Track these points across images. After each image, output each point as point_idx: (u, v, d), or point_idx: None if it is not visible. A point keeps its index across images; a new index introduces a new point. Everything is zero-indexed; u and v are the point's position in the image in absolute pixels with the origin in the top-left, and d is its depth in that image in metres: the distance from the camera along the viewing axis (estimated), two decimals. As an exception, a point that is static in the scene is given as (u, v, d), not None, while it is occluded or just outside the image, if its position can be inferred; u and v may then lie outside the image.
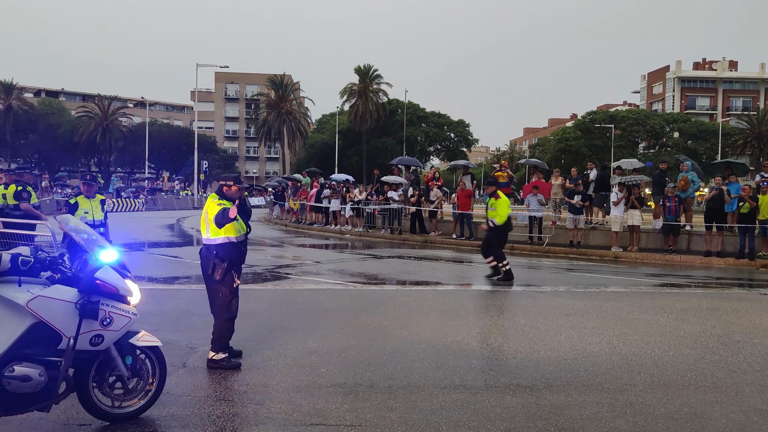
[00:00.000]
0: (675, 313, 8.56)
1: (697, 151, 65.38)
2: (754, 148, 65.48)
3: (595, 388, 5.28)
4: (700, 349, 6.58)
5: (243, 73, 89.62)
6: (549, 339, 6.92)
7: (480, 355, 6.22)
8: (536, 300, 9.59)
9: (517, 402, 4.90)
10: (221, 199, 5.56)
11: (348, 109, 64.48)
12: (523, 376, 5.56)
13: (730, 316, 8.40)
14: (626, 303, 9.34)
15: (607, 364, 5.95)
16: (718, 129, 66.19)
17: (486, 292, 10.67)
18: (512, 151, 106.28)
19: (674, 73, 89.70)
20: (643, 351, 6.46)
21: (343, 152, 64.39)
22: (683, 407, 4.83)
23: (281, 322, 7.57)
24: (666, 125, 71.15)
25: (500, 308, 8.72)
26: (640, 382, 5.42)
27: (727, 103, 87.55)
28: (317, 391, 5.03)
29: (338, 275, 12.04)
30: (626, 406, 4.82)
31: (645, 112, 77.65)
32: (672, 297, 10.24)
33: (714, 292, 10.96)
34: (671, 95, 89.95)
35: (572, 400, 4.95)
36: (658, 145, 70.95)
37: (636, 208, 16.34)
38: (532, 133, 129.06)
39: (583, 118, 73.20)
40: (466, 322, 7.74)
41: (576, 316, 8.24)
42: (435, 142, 74.00)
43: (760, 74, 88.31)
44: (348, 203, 23.56)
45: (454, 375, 5.54)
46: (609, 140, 66.37)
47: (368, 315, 8.03)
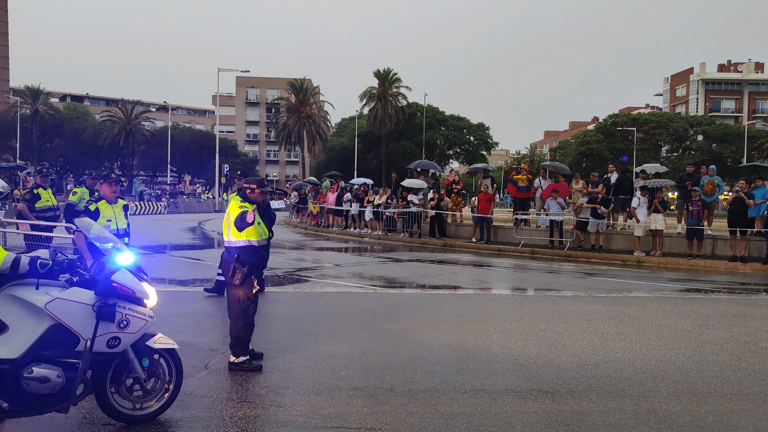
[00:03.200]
0: (700, 318, 8.43)
1: (722, 154, 64.27)
2: (781, 151, 64.12)
3: (618, 394, 5.21)
4: (726, 356, 6.47)
5: (264, 78, 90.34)
6: (570, 344, 6.85)
7: (501, 359, 6.18)
8: (557, 304, 9.51)
9: (538, 407, 4.86)
10: (243, 202, 5.60)
11: (367, 113, 64.63)
12: (544, 381, 5.51)
13: (757, 322, 8.24)
14: (649, 308, 9.21)
15: (629, 370, 5.88)
16: (743, 132, 65.05)
17: (506, 297, 10.61)
18: (533, 155, 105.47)
19: (698, 75, 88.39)
20: (667, 357, 6.37)
21: (362, 156, 64.53)
22: (709, 415, 4.75)
23: (301, 324, 7.60)
24: (690, 128, 70.09)
25: (521, 313, 8.65)
26: (664, 389, 5.34)
27: (753, 106, 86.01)
28: (337, 394, 5.04)
29: (358, 278, 12.05)
30: (650, 413, 4.76)
31: (668, 114, 76.63)
32: (696, 303, 10.07)
33: (740, 298, 10.76)
34: (695, 98, 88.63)
35: (594, 407, 4.89)
36: (682, 148, 69.92)
37: (659, 212, 16.12)
38: (553, 136, 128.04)
39: (604, 121, 72.44)
40: (486, 326, 7.70)
41: (598, 321, 8.14)
42: (454, 145, 73.86)
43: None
44: (367, 206, 23.59)
45: (474, 379, 5.52)
46: (631, 143, 65.55)
47: (388, 318, 8.03)
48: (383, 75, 64.29)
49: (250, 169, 77.99)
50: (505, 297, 10.59)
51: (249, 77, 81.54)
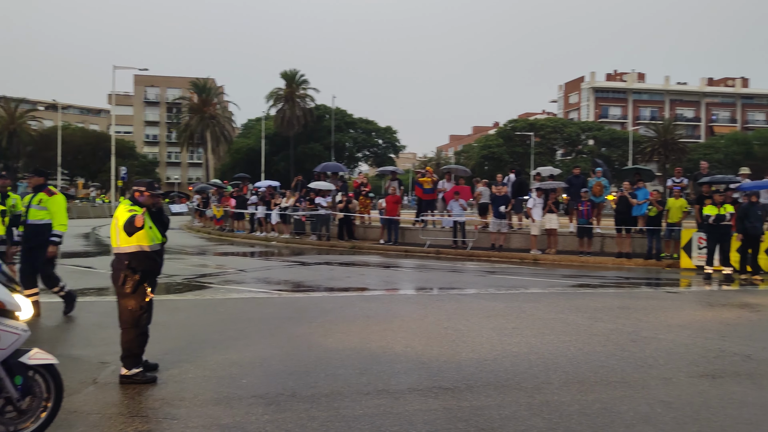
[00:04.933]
0: (589, 312, 8.96)
1: (611, 157, 68.88)
2: (660, 155, 69.75)
3: (514, 387, 5.43)
4: (612, 347, 6.90)
5: (164, 77, 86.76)
6: (471, 341, 7.07)
7: (404, 359, 6.27)
8: (460, 303, 9.78)
9: (439, 404, 4.96)
10: (133, 206, 5.32)
11: (275, 114, 63.73)
12: (445, 378, 5.64)
13: (639, 314, 8.87)
14: (544, 303, 9.68)
15: (525, 364, 6.14)
16: (628, 137, 70.08)
17: (411, 297, 10.79)
18: (439, 158, 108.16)
19: (589, 83, 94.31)
20: (559, 350, 6.71)
21: (269, 158, 63.49)
22: (595, 403, 5.04)
23: (201, 333, 7.34)
24: (582, 133, 74.68)
25: (424, 312, 8.82)
26: (556, 380, 5.62)
27: (636, 113, 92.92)
28: (237, 403, 4.90)
29: (263, 283, 11.82)
30: (542, 405, 4.98)
31: (562, 120, 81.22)
32: (587, 297, 10.71)
33: (625, 292, 11.55)
34: (586, 104, 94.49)
35: (492, 401, 5.06)
36: (575, 152, 74.28)
37: (553, 213, 17.02)
38: (458, 140, 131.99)
39: (504, 126, 75.66)
40: (391, 326, 7.78)
41: (497, 317, 8.46)
42: (363, 148, 74.41)
43: (665, 86, 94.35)
44: (274, 209, 23.22)
45: (377, 380, 5.55)
46: (529, 147, 68.84)
47: (292, 323, 7.92)
48: (290, 76, 63.65)
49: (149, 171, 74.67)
50: (410, 297, 10.77)
51: (148, 76, 78.11)
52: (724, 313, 9.20)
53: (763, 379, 5.76)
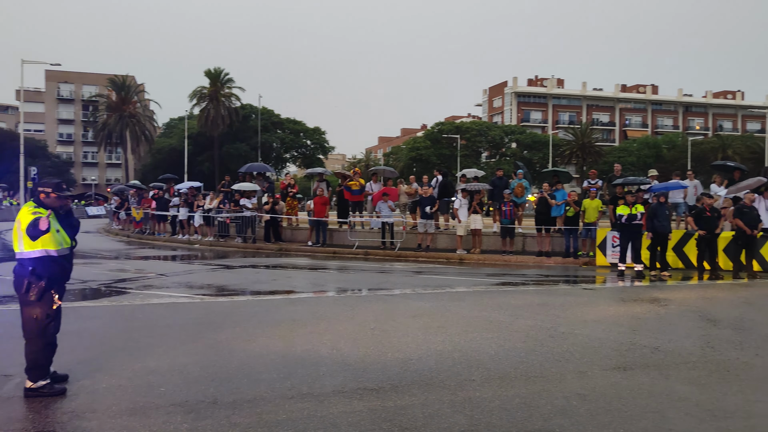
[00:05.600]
0: (511, 309, 9.22)
1: (532, 160, 71.42)
2: (578, 157, 73.01)
3: (438, 385, 5.49)
4: (532, 342, 7.13)
5: (79, 73, 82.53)
6: (396, 341, 7.11)
7: (329, 361, 6.22)
8: (387, 303, 9.83)
9: (363, 406, 4.95)
10: (38, 207, 5.00)
11: (198, 114, 61.95)
12: (370, 379, 5.64)
13: (557, 310, 9.21)
14: (468, 302, 9.89)
15: (449, 362, 6.23)
16: (549, 140, 72.90)
17: (338, 298, 10.74)
18: (368, 159, 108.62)
19: (511, 88, 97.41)
20: (482, 347, 6.86)
21: (193, 158, 61.63)
22: (515, 397, 5.18)
23: (117, 341, 7.01)
24: (505, 136, 76.99)
25: (351, 313, 8.81)
26: (478, 377, 5.74)
27: (556, 117, 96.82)
28: (154, 412, 4.71)
29: (184, 288, 11.44)
30: (465, 401, 5.07)
31: (487, 123, 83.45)
32: (508, 295, 11.02)
33: (544, 289, 11.97)
34: (509, 108, 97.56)
35: (416, 400, 5.11)
36: (499, 154, 76.49)
37: (478, 213, 17.44)
38: (387, 141, 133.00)
39: (432, 129, 76.91)
40: (317, 329, 7.71)
41: (423, 316, 8.55)
42: (291, 148, 73.59)
43: (582, 92, 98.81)
44: (197, 211, 22.56)
45: (302, 384, 5.48)
46: (456, 150, 70.29)
47: (215, 328, 7.70)
48: (215, 74, 62.06)
49: (63, 172, 70.85)
50: (337, 299, 10.72)
51: (61, 71, 74.05)
52: (635, 308, 9.70)
53: (669, 370, 6.11)
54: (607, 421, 4.66)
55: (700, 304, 10.16)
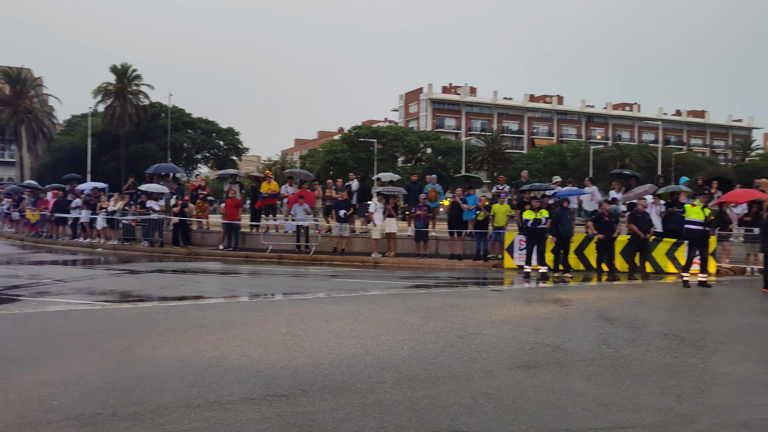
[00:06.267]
0: (423, 311, 9.38)
1: (446, 165, 73.15)
2: (489, 164, 75.65)
3: (349, 389, 5.49)
4: (441, 343, 7.28)
5: (-34, 62, 76.16)
6: (308, 345, 7.05)
7: (238, 368, 6.07)
8: (300, 308, 9.73)
9: (272, 412, 4.87)
10: None
11: (104, 111, 58.82)
12: (280, 385, 5.55)
13: (467, 311, 9.48)
14: (382, 305, 9.98)
15: (360, 365, 6.25)
16: (462, 146, 74.99)
17: (249, 303, 10.53)
18: (284, 162, 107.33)
19: (427, 95, 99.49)
20: (394, 349, 6.94)
21: (97, 158, 58.40)
22: (424, 398, 5.27)
23: (5, 351, 6.51)
24: (420, 141, 78.48)
25: (263, 318, 8.65)
26: (389, 380, 5.79)
27: (469, 124, 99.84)
28: (45, 428, 4.40)
29: (84, 294, 10.82)
30: (375, 404, 5.10)
31: (403, 129, 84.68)
32: (421, 297, 11.22)
33: (455, 291, 12.28)
34: (424, 114, 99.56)
35: (326, 404, 5.08)
36: (415, 159, 77.82)
37: (393, 217, 17.64)
38: (303, 144, 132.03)
39: (349, 132, 77.11)
40: (226, 335, 7.51)
41: (336, 320, 8.54)
42: (203, 149, 71.40)
43: (494, 100, 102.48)
44: (100, 213, 21.41)
45: (209, 392, 5.31)
46: (372, 154, 70.84)
47: (116, 336, 7.33)
48: (121, 71, 59.19)
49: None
50: (248, 304, 10.50)
51: (-54, 60, 68.04)
52: (540, 309, 10.15)
53: (569, 367, 6.42)
54: (511, 418, 4.83)
55: (599, 304, 10.77)
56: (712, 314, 10.10)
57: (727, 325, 8.97)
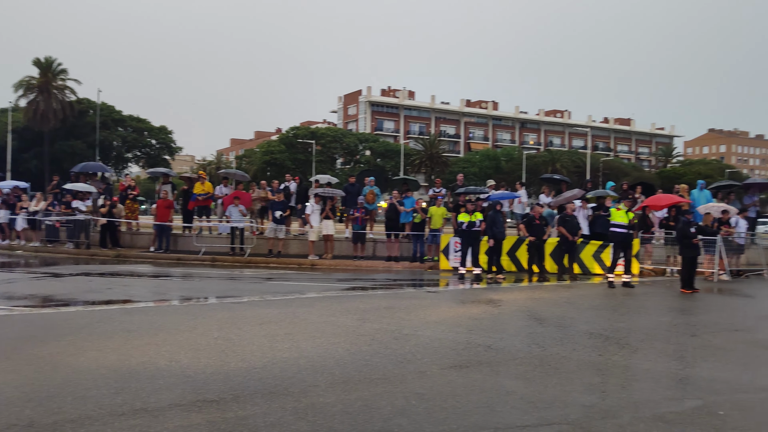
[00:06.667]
0: (359, 313, 9.39)
1: (385, 167, 73.57)
2: (427, 167, 76.64)
3: (281, 393, 5.43)
4: (376, 345, 7.31)
5: None
6: (241, 349, 6.92)
7: (167, 373, 5.89)
8: (233, 311, 9.54)
9: (202, 418, 4.74)
10: None
11: (26, 106, 55.84)
12: (210, 390, 5.42)
13: (402, 313, 9.55)
14: (317, 308, 9.91)
15: (294, 369, 6.19)
16: (400, 149, 75.63)
17: (180, 307, 10.24)
18: (219, 162, 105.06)
19: (366, 97, 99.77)
20: (328, 352, 6.91)
21: (18, 155, 55.34)
22: (358, 401, 5.27)
23: None
24: (359, 144, 78.60)
25: (194, 323, 8.42)
26: (322, 383, 5.76)
27: (407, 127, 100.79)
28: (-47, 443, 4.13)
29: (1, 299, 10.21)
30: (308, 408, 5.06)
31: (342, 130, 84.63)
32: (357, 299, 11.23)
33: (391, 293, 12.36)
34: (363, 117, 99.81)
35: (258, 409, 5.00)
36: (353, 161, 77.88)
37: (330, 219, 17.58)
38: (239, 144, 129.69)
39: (287, 133, 76.34)
40: (154, 340, 7.27)
41: (270, 324, 8.42)
42: (134, 148, 69.00)
43: (431, 104, 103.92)
44: (21, 214, 20.29)
45: (135, 399, 5.13)
46: (311, 155, 70.38)
47: (36, 342, 6.96)
48: (45, 64, 56.45)
49: None
50: (179, 308, 10.21)
51: None
52: (473, 309, 10.36)
53: (499, 366, 6.58)
54: (442, 418, 4.90)
55: (529, 305, 11.09)
56: (635, 313, 10.59)
57: (647, 324, 9.42)
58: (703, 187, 19.26)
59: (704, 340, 8.24)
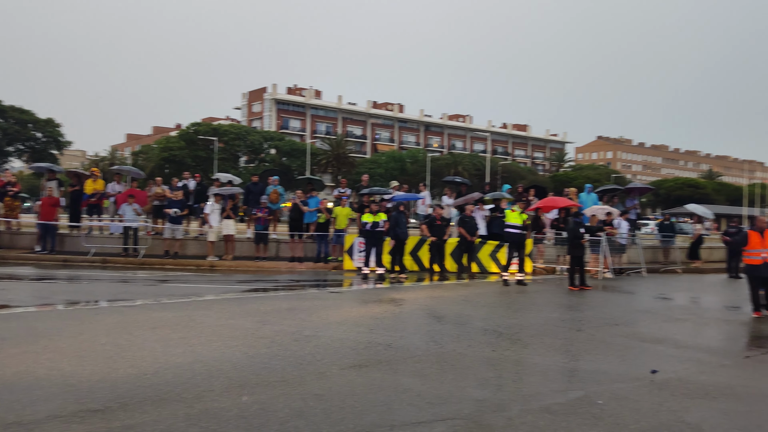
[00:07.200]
0: (259, 315, 9.21)
1: (291, 167, 72.70)
2: (334, 167, 76.54)
3: (174, 399, 5.22)
4: (276, 348, 7.20)
5: None
6: (131, 355, 6.58)
7: (47, 383, 5.49)
8: (124, 315, 9.05)
9: (85, 429, 4.47)
10: None
11: None
12: (95, 399, 5.12)
13: (304, 314, 9.47)
14: (215, 310, 9.62)
15: (188, 374, 5.97)
16: (307, 149, 75.02)
17: (65, 312, 9.59)
18: (113, 158, 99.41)
19: (271, 94, 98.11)
20: (225, 356, 6.72)
21: None
22: (254, 404, 5.17)
23: None
24: (264, 142, 77.12)
25: (80, 328, 7.91)
26: (218, 387, 5.60)
27: (314, 127, 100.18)
28: None
29: None
30: (202, 413, 4.90)
31: (246, 128, 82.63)
32: (258, 301, 11.00)
33: (294, 294, 12.23)
34: (269, 114, 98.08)
35: (148, 417, 4.78)
36: (258, 159, 76.30)
37: (231, 219, 17.12)
38: (136, 139, 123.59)
39: (187, 129, 73.53)
40: (34, 348, 6.76)
41: (164, 328, 8.07)
42: (16, 141, 63.85)
43: (338, 105, 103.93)
44: None
45: (8, 412, 4.75)
46: (213, 152, 68.21)
47: None
48: None
49: None
50: (64, 312, 9.55)
51: None
52: (375, 309, 10.46)
53: (398, 365, 6.68)
54: (339, 418, 4.91)
55: (429, 303, 11.36)
56: (527, 310, 11.12)
57: (538, 320, 9.93)
58: (591, 190, 20.57)
59: (588, 334, 8.80)
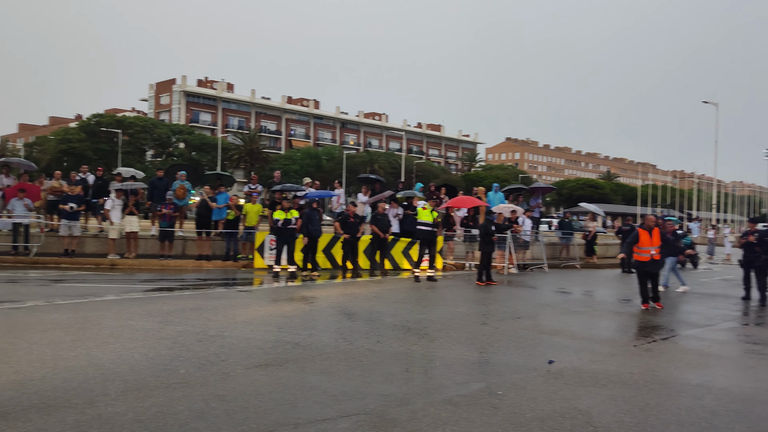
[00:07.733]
0: (161, 316, 8.84)
1: (201, 162, 70.43)
2: (246, 162, 74.92)
3: (63, 405, 4.91)
4: (178, 349, 6.94)
5: None
6: (16, 360, 6.13)
7: None
8: (10, 317, 8.42)
9: (-43, 444, 4.11)
10: None
11: None
12: (-28, 410, 4.72)
13: (210, 314, 9.19)
14: (114, 311, 9.14)
15: (80, 378, 5.63)
16: (218, 143, 72.92)
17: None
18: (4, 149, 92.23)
19: (180, 86, 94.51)
20: (123, 358, 6.40)
21: None
22: (152, 407, 4.95)
23: None
24: (173, 135, 74.25)
25: (-41, 333, 7.28)
26: (113, 391, 5.32)
27: (226, 121, 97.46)
28: None
29: None
30: (94, 419, 4.64)
31: (153, 120, 79.21)
32: (161, 301, 10.55)
33: (200, 293, 11.84)
34: (178, 107, 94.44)
35: (31, 426, 4.46)
36: (166, 153, 73.35)
37: (134, 215, 16.35)
38: (30, 130, 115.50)
39: (88, 120, 69.56)
40: None
41: (55, 330, 7.58)
42: None
43: (252, 99, 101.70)
44: None
45: None
46: (116, 145, 64.89)
47: None
48: None
49: None
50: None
51: None
52: (285, 307, 10.32)
53: (305, 363, 6.62)
54: (242, 419, 4.80)
55: (341, 300, 11.35)
56: (435, 305, 11.36)
57: (445, 315, 10.17)
58: (498, 189, 21.33)
59: (492, 327, 9.12)
